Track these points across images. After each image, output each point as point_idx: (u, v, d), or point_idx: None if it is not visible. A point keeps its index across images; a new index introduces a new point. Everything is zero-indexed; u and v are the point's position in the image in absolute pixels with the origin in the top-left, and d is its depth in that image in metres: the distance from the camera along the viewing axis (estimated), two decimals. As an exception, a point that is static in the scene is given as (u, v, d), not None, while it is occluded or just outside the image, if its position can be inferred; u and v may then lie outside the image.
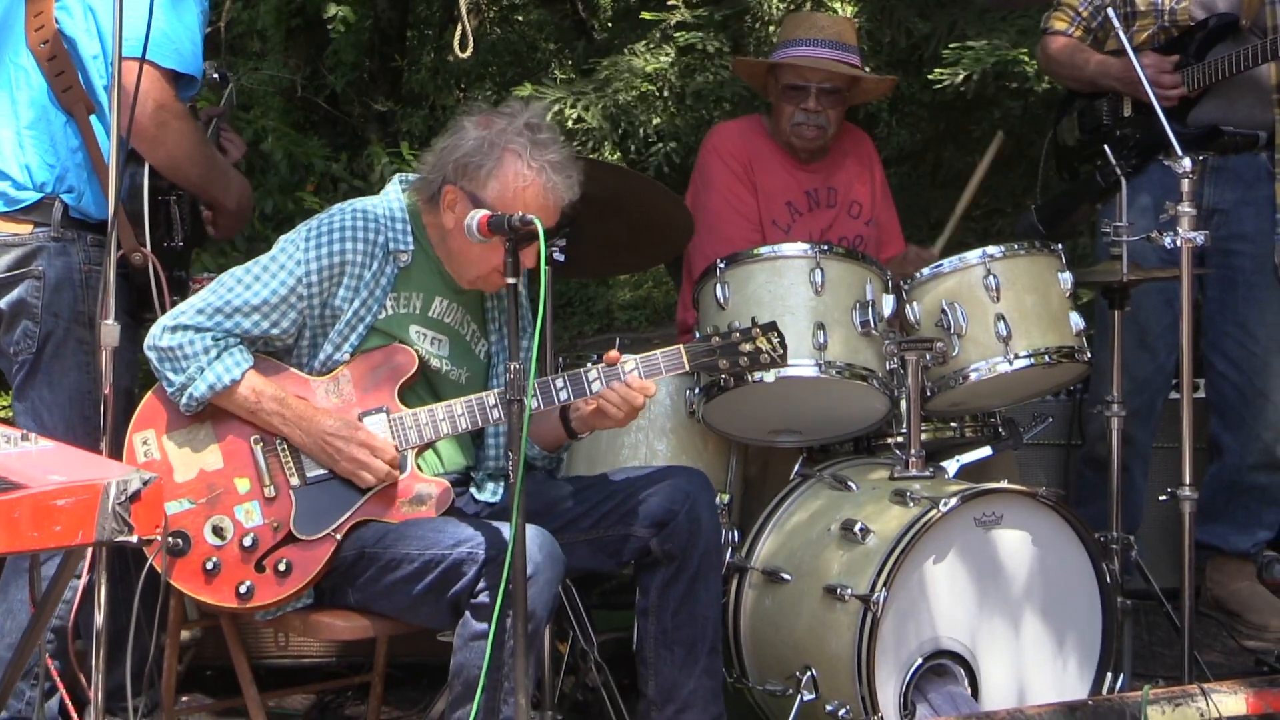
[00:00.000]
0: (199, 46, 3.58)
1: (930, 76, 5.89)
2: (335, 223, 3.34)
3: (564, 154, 3.34)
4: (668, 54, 6.27)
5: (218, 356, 3.25)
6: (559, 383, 3.33)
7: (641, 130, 6.27)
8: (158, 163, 3.54)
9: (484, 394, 3.34)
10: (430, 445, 3.37)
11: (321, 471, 3.30)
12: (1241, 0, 4.47)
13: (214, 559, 3.24)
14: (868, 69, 4.90)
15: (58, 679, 3.26)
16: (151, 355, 3.29)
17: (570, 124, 6.21)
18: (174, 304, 3.55)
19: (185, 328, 3.26)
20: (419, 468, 3.34)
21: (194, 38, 3.55)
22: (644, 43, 6.38)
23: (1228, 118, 4.46)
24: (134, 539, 2.17)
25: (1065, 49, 4.68)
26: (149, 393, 3.35)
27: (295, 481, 3.30)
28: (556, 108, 6.26)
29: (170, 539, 3.19)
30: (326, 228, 3.34)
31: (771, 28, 6.24)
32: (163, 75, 3.47)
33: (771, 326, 3.45)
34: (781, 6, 6.21)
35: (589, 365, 3.36)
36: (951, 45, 5.78)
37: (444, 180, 3.33)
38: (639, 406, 3.36)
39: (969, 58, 5.68)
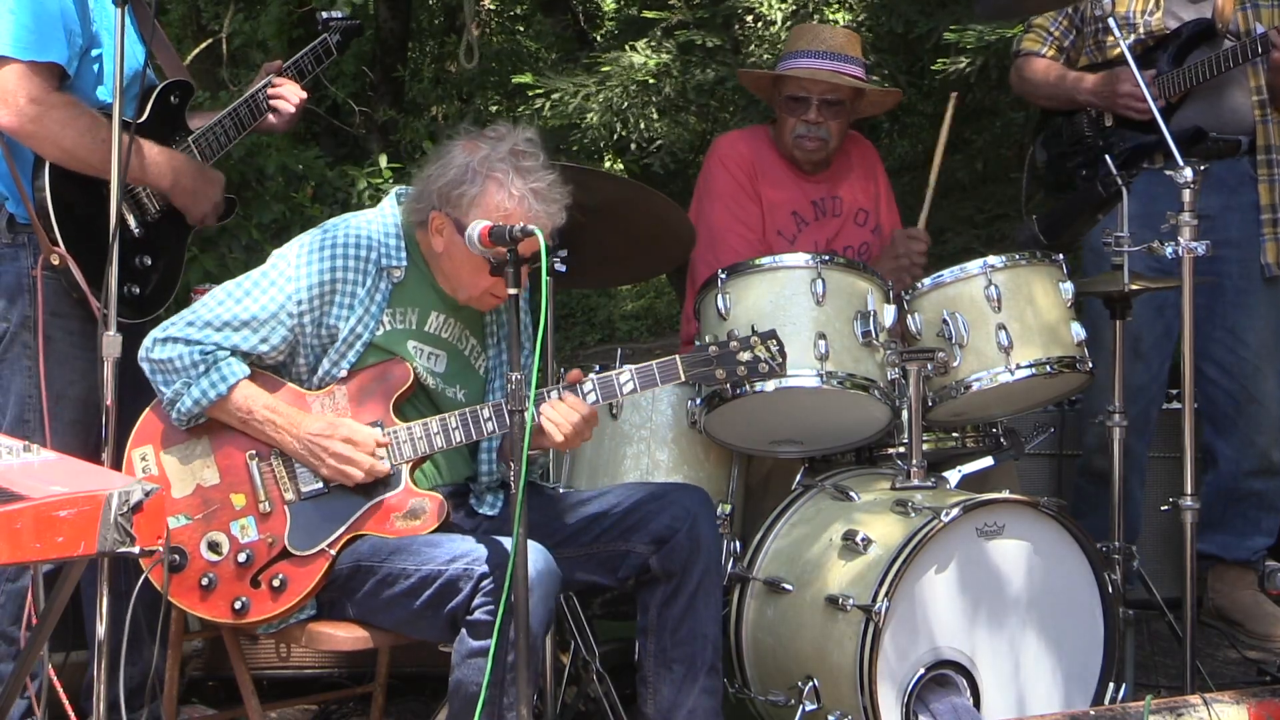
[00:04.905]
0: (64, 31, 3.48)
1: (934, 67, 5.89)
2: (326, 240, 3.34)
3: (548, 180, 3.32)
4: (669, 50, 6.27)
5: (205, 371, 3.25)
6: (553, 395, 3.31)
7: (642, 124, 6.26)
8: (53, 157, 3.49)
9: (478, 406, 3.33)
10: (425, 459, 3.37)
11: (317, 486, 3.31)
12: (1215, 5, 4.48)
13: (210, 575, 3.24)
14: (873, 78, 4.89)
15: (59, 687, 3.26)
16: (145, 367, 3.29)
17: (572, 117, 6.21)
18: (133, 296, 3.54)
19: (175, 340, 3.27)
20: (415, 481, 3.33)
21: (54, 23, 3.47)
22: (645, 40, 6.38)
23: (1209, 124, 4.47)
24: (135, 550, 2.17)
25: (1042, 68, 4.71)
26: (148, 409, 3.36)
27: (290, 496, 3.30)
28: (557, 95, 6.26)
29: (169, 555, 3.19)
30: (318, 245, 3.34)
31: (774, 28, 6.23)
32: (30, 69, 3.43)
33: (770, 335, 3.42)
34: (782, 8, 6.20)
35: (583, 381, 3.33)
36: (953, 28, 5.77)
37: (430, 206, 3.34)
38: (578, 424, 3.28)
39: (971, 37, 5.66)
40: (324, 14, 4.10)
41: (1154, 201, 4.17)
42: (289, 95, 3.92)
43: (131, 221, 3.63)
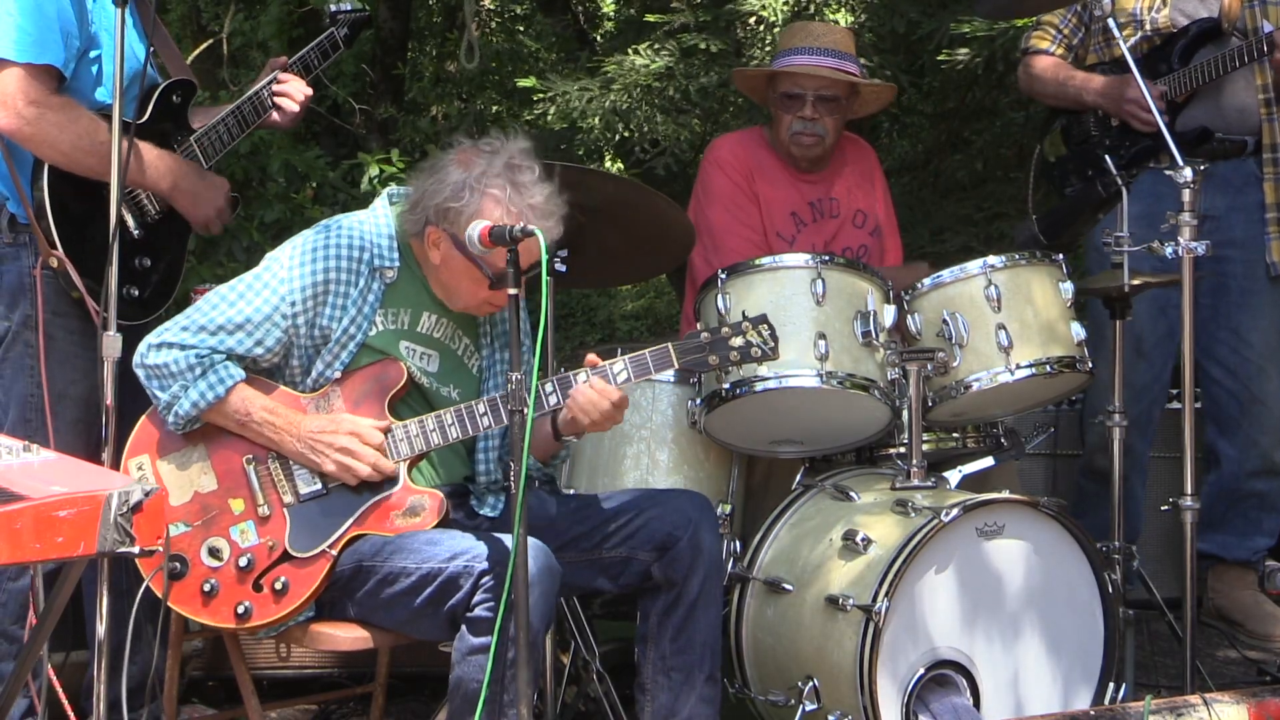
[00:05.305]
0: (60, 33, 3.48)
1: (940, 58, 5.88)
2: (319, 241, 3.33)
3: (545, 194, 3.31)
4: (670, 52, 6.26)
5: (202, 374, 3.25)
6: (548, 387, 3.32)
7: (647, 126, 6.26)
8: (51, 159, 3.49)
9: (473, 402, 3.33)
10: (423, 457, 3.36)
11: (315, 488, 3.30)
12: (1222, 4, 4.48)
13: (211, 580, 3.24)
14: (874, 81, 4.89)
15: (59, 687, 3.26)
16: (140, 373, 3.29)
17: (575, 120, 6.20)
18: (132, 297, 3.54)
19: (170, 345, 3.26)
20: (413, 480, 3.33)
21: (51, 26, 3.47)
22: (647, 44, 6.37)
23: (1215, 124, 4.47)
24: (135, 550, 2.17)
25: (1050, 67, 4.70)
26: (143, 417, 3.36)
27: (289, 499, 3.30)
28: (561, 101, 6.26)
29: (169, 563, 3.19)
30: (310, 246, 3.33)
31: (775, 30, 6.22)
32: (28, 72, 3.43)
33: (762, 319, 3.38)
34: (784, 10, 6.19)
35: (578, 371, 3.33)
36: (960, 18, 5.77)
37: (426, 220, 3.33)
38: (607, 410, 3.29)
39: (975, 26, 5.66)
40: (332, 6, 4.08)
41: (1158, 201, 4.16)
42: (293, 92, 3.91)
43: (131, 223, 3.63)
